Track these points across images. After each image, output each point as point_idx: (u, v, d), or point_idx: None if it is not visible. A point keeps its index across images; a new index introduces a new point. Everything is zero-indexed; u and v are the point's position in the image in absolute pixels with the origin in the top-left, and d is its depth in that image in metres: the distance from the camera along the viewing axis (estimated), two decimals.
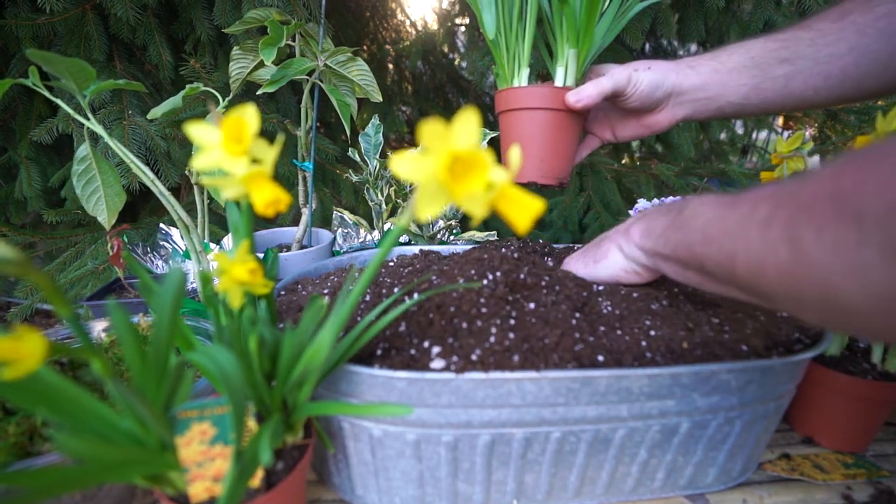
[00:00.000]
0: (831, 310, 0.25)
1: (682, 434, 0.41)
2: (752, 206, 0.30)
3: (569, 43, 0.55)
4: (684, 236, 0.37)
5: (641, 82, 0.53)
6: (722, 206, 0.33)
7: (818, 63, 0.48)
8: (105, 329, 0.51)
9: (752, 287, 0.31)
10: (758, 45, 0.51)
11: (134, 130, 0.93)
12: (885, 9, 0.45)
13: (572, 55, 0.55)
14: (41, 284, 0.24)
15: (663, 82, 0.53)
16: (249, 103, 0.27)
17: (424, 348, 0.38)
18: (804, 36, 0.49)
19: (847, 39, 0.46)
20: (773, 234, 0.27)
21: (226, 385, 0.27)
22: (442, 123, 0.21)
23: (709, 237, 0.34)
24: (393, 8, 1.73)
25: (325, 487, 0.45)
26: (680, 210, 0.39)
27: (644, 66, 0.53)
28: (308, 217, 0.80)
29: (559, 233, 1.37)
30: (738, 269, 0.31)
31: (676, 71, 0.53)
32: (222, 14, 0.99)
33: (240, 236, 0.35)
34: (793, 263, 0.26)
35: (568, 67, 0.56)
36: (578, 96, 0.52)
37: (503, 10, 0.55)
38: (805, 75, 0.49)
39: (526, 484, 0.41)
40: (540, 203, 0.23)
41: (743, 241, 0.30)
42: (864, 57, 0.46)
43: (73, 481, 0.25)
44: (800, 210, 0.26)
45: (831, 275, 0.24)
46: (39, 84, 0.47)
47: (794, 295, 0.27)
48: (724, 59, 0.52)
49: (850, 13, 0.46)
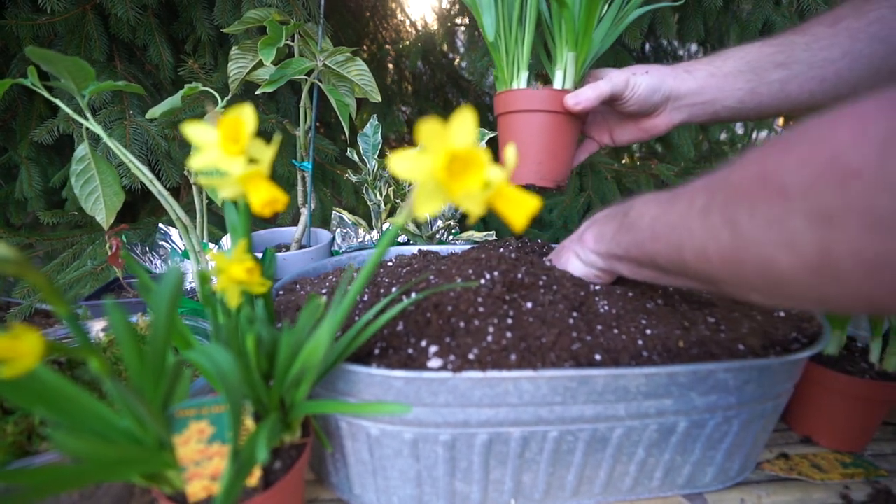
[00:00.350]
0: (772, 285, 0.26)
1: (679, 433, 0.41)
2: (691, 198, 0.31)
3: (567, 46, 0.55)
4: (634, 236, 0.39)
5: (639, 86, 0.53)
6: (664, 203, 0.35)
7: (813, 67, 0.48)
8: (104, 329, 0.51)
9: (702, 274, 0.32)
10: (754, 49, 0.51)
11: (135, 130, 0.93)
12: (876, 14, 0.45)
13: (571, 58, 0.55)
14: (39, 284, 0.24)
15: (661, 86, 0.53)
16: (248, 103, 0.27)
17: (422, 347, 0.38)
18: (799, 40, 0.49)
19: (840, 45, 0.47)
20: (713, 220, 0.28)
21: (223, 384, 0.28)
22: (439, 122, 0.21)
23: (656, 234, 0.35)
24: (393, 8, 1.73)
25: (323, 487, 0.45)
26: (626, 212, 0.40)
27: (642, 71, 0.54)
28: (307, 217, 0.81)
29: (559, 233, 1.36)
30: (686, 259, 0.32)
31: (673, 75, 0.53)
32: (222, 14, 0.99)
33: (238, 236, 0.35)
34: (732, 245, 0.27)
35: (567, 70, 0.56)
36: (577, 99, 0.53)
37: (503, 12, 0.55)
38: (801, 79, 0.49)
39: (524, 483, 0.41)
40: (536, 201, 0.24)
41: (687, 232, 0.31)
42: (857, 61, 0.47)
43: (72, 480, 0.26)
44: (733, 193, 0.27)
45: (767, 249, 0.25)
46: (39, 84, 0.47)
47: (737, 275, 0.28)
48: (720, 64, 0.53)
49: (844, 18, 0.47)
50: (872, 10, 0.46)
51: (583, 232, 0.48)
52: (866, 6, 0.46)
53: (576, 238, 0.50)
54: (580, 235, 0.48)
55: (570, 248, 0.50)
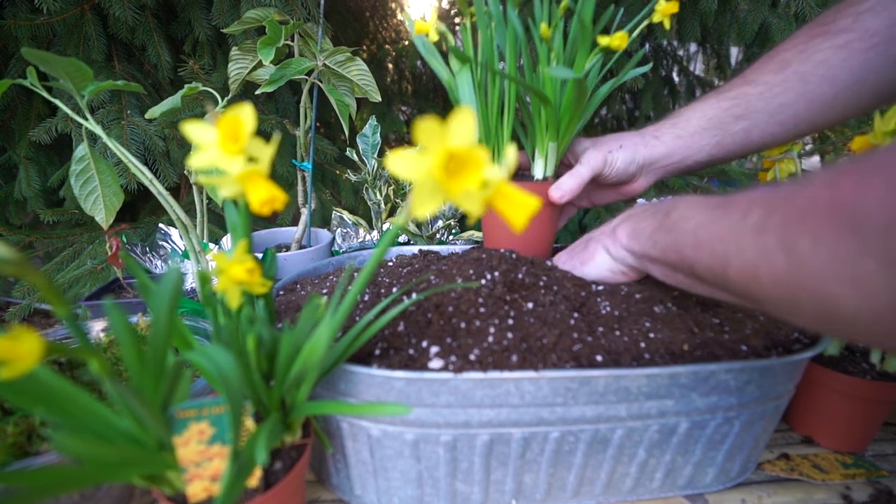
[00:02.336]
0: (828, 317, 0.25)
1: (680, 434, 0.41)
2: (744, 211, 0.30)
3: (549, 137, 0.55)
4: (674, 239, 0.37)
5: (616, 161, 0.55)
6: (712, 210, 0.33)
7: (772, 114, 0.51)
8: (104, 329, 0.51)
9: (745, 292, 0.31)
10: (711, 105, 0.54)
11: (133, 130, 0.93)
12: (820, 56, 0.48)
13: (552, 148, 0.56)
14: (39, 284, 0.24)
15: (635, 157, 0.55)
16: (247, 103, 0.27)
17: (423, 348, 0.38)
18: (752, 91, 0.52)
19: (794, 89, 0.49)
20: (768, 241, 0.27)
21: (223, 384, 0.27)
22: (437, 121, 0.21)
23: (699, 241, 0.34)
24: (392, 8, 1.73)
25: (324, 487, 0.45)
26: (667, 212, 0.39)
27: (615, 146, 0.56)
28: (307, 217, 0.80)
29: (559, 233, 1.36)
30: (730, 274, 0.31)
31: (644, 143, 0.56)
32: (221, 14, 0.99)
33: (238, 236, 0.35)
34: (788, 271, 0.26)
35: (548, 159, 0.57)
36: (561, 192, 0.54)
37: (486, 116, 0.56)
38: (762, 126, 0.52)
39: (524, 484, 0.41)
40: (536, 201, 0.24)
41: (736, 246, 0.30)
42: (812, 102, 0.49)
43: (72, 481, 0.25)
44: (795, 217, 0.26)
45: (829, 284, 0.24)
46: (38, 84, 0.47)
47: (788, 301, 0.27)
48: (685, 125, 0.55)
49: (790, 64, 0.50)
50: (816, 53, 0.48)
51: (616, 226, 0.46)
52: (808, 49, 0.49)
53: (608, 231, 0.47)
54: (613, 229, 0.46)
55: (600, 241, 0.48)
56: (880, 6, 0.46)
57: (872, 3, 0.46)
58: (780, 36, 1.19)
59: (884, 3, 0.46)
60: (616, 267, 0.47)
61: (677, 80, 1.74)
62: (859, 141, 0.49)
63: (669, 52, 1.71)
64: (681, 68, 1.74)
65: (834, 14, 0.49)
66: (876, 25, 0.46)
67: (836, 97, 0.48)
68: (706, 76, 1.77)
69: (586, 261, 0.49)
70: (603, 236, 0.48)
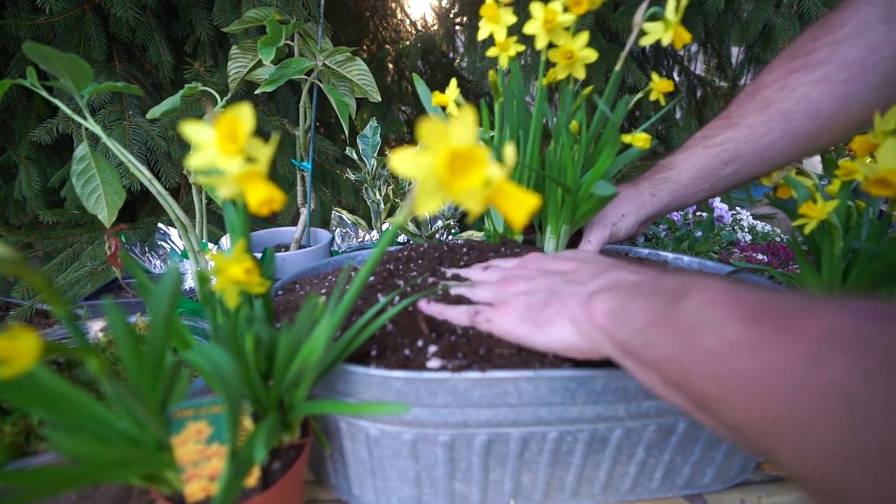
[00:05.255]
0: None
1: (679, 434, 0.41)
2: (817, 351, 0.19)
3: (563, 220, 0.57)
4: (681, 354, 0.26)
5: (620, 231, 0.58)
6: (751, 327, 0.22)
7: (759, 154, 0.53)
8: (102, 329, 0.51)
9: (795, 473, 0.21)
10: (700, 155, 0.56)
11: (134, 131, 0.93)
12: (800, 92, 0.49)
13: (565, 230, 0.57)
14: (38, 285, 0.24)
15: (638, 219, 0.58)
16: (247, 103, 0.27)
17: (421, 347, 0.38)
18: (738, 136, 0.53)
19: (777, 128, 0.51)
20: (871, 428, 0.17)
21: (222, 384, 0.27)
22: (440, 121, 0.21)
23: (726, 380, 0.22)
24: (393, 7, 1.73)
25: (323, 487, 0.45)
26: (675, 299, 0.27)
27: (618, 216, 0.58)
28: (306, 217, 0.80)
29: None
30: (781, 449, 0.20)
31: (643, 204, 0.58)
32: (222, 14, 0.99)
33: (237, 236, 0.35)
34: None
35: (560, 239, 0.58)
36: None
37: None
38: (751, 166, 0.54)
39: (523, 484, 0.41)
40: (535, 199, 0.24)
41: (802, 421, 0.19)
42: (798, 137, 0.51)
43: (69, 481, 0.25)
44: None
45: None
46: (38, 84, 0.47)
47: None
48: (678, 178, 0.57)
49: (772, 103, 0.51)
50: (796, 90, 0.49)
51: (592, 294, 0.33)
52: (788, 86, 0.50)
53: (581, 296, 0.34)
54: (588, 297, 0.33)
55: (568, 307, 0.34)
56: (856, 33, 0.46)
57: (849, 31, 0.47)
58: (783, 36, 1.19)
59: (859, 31, 0.46)
60: (582, 346, 0.33)
61: (678, 80, 1.74)
62: (859, 141, 0.49)
63: (670, 51, 1.71)
64: (681, 68, 1.74)
65: (811, 43, 0.49)
66: (854, 55, 0.46)
67: (821, 129, 0.49)
68: (707, 76, 1.77)
69: (542, 324, 0.35)
70: (572, 302, 0.34)
